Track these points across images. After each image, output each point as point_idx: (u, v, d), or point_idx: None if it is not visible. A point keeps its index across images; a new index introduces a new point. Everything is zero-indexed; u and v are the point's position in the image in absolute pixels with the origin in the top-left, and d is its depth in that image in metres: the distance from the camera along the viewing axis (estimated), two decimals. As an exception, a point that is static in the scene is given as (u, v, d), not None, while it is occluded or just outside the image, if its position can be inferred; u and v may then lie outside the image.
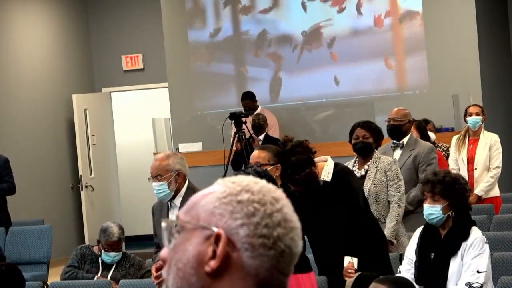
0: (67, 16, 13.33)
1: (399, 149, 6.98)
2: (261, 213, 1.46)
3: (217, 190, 1.50)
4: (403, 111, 7.09)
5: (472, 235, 4.71)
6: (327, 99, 11.54)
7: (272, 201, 1.48)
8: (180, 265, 1.47)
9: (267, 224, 1.46)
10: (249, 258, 1.45)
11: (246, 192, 1.48)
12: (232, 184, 1.51)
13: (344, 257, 5.31)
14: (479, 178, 8.49)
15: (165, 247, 1.51)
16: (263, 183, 1.51)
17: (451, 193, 4.69)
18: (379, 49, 11.22)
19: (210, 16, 12.08)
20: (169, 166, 5.23)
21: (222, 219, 1.46)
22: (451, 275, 4.67)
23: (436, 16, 11.02)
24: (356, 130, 6.36)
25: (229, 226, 1.46)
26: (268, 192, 1.50)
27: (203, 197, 1.51)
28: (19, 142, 12.00)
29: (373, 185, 6.13)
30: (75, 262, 6.74)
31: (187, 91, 12.12)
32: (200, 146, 11.37)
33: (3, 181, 9.18)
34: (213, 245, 1.45)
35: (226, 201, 1.48)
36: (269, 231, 1.46)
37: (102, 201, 13.19)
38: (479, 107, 8.69)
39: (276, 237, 1.46)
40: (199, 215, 1.49)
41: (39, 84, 12.60)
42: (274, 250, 1.46)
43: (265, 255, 1.46)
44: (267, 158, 5.19)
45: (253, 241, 1.45)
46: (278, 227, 1.47)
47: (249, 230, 1.45)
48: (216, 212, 1.47)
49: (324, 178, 5.35)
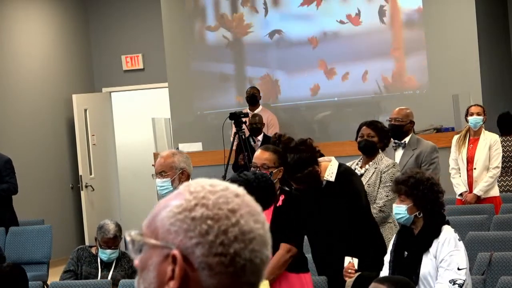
0: (67, 16, 13.33)
1: (400, 148, 6.97)
2: (215, 230, 1.41)
3: (174, 203, 1.45)
4: (405, 111, 7.07)
5: (443, 233, 4.76)
6: (327, 99, 11.54)
7: (227, 215, 1.42)
8: (145, 284, 1.45)
9: (222, 242, 1.40)
10: (208, 277, 1.40)
11: (200, 207, 1.42)
12: (189, 195, 1.44)
13: (345, 257, 5.32)
14: (478, 178, 8.49)
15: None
16: (221, 192, 1.45)
17: (413, 193, 4.77)
18: (379, 49, 11.22)
19: (210, 16, 12.08)
20: (174, 163, 5.26)
21: (178, 237, 1.42)
22: (424, 272, 4.72)
23: (436, 16, 11.02)
24: (362, 129, 6.34)
25: (185, 245, 1.41)
26: (224, 204, 1.43)
27: (163, 208, 1.46)
28: (19, 142, 12.00)
29: (367, 184, 6.13)
30: (71, 266, 6.73)
31: (187, 91, 12.12)
32: (200, 146, 11.37)
33: (3, 181, 9.16)
34: (171, 264, 1.41)
35: (181, 217, 1.42)
36: (225, 249, 1.41)
37: (102, 201, 13.19)
38: (481, 107, 8.70)
39: (233, 254, 1.41)
40: (157, 231, 1.44)
41: (39, 84, 12.60)
42: (233, 267, 1.41)
43: (224, 273, 1.41)
44: (273, 160, 5.16)
45: (209, 260, 1.40)
46: (234, 242, 1.41)
47: (204, 249, 1.40)
48: (172, 229, 1.42)
49: (327, 178, 5.34)
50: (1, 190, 9.11)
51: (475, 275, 5.59)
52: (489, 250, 6.00)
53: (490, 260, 5.77)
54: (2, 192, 9.11)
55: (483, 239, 6.49)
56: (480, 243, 6.45)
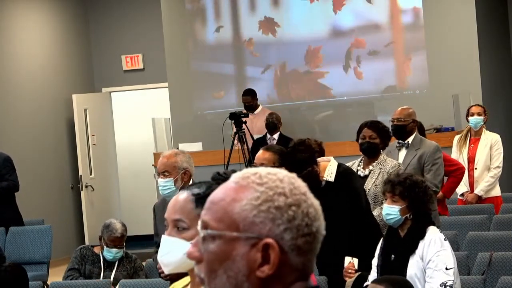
0: (67, 16, 13.33)
1: (404, 148, 6.95)
2: (299, 215, 1.55)
3: (247, 196, 1.55)
4: (407, 111, 7.04)
5: (428, 233, 4.76)
6: (328, 99, 11.54)
7: (303, 199, 1.57)
8: (231, 273, 1.55)
9: (306, 223, 1.55)
10: (296, 257, 1.54)
11: (279, 196, 1.55)
12: (259, 186, 1.56)
13: (345, 257, 5.32)
14: (479, 178, 8.50)
15: (192, 246, 1.59)
16: (285, 179, 1.58)
17: (409, 195, 4.76)
18: (379, 48, 11.21)
19: (210, 16, 12.08)
20: (176, 163, 5.26)
21: (265, 227, 1.53)
22: (410, 274, 4.71)
23: (436, 16, 11.02)
24: (364, 130, 6.30)
25: (274, 232, 1.53)
26: (297, 188, 1.58)
27: (233, 202, 1.56)
28: (19, 142, 12.00)
29: (373, 185, 6.12)
30: (75, 265, 6.74)
31: (187, 91, 12.12)
32: (200, 146, 11.37)
33: (3, 179, 9.15)
34: (260, 252, 1.53)
35: (264, 208, 1.54)
36: (309, 229, 1.56)
37: (102, 201, 13.19)
38: (481, 107, 8.70)
39: (315, 231, 1.57)
40: (237, 224, 1.55)
41: (39, 84, 12.60)
42: (316, 242, 1.57)
43: (310, 250, 1.56)
44: (272, 160, 5.16)
45: (298, 242, 1.54)
46: (314, 221, 1.57)
47: (292, 233, 1.54)
48: (257, 220, 1.54)
49: (327, 178, 5.34)
50: (1, 188, 9.09)
51: (475, 275, 5.59)
52: (489, 250, 6.00)
53: (490, 260, 5.76)
54: (2, 189, 9.08)
55: (483, 239, 6.49)
56: (480, 243, 6.45)
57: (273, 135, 10.49)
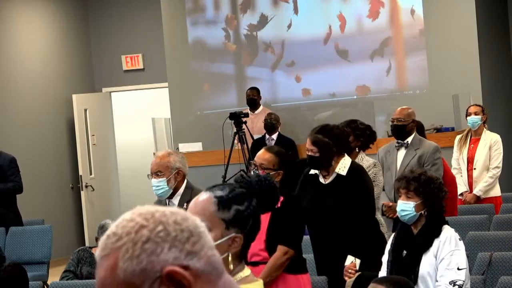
0: (67, 16, 13.33)
1: (403, 148, 6.95)
2: (173, 236, 1.48)
3: (119, 257, 1.48)
4: (407, 111, 7.05)
5: (444, 232, 4.73)
6: (327, 99, 11.54)
7: (163, 227, 1.49)
8: None
9: (186, 236, 1.48)
10: (197, 262, 1.46)
11: (145, 238, 1.49)
12: (119, 242, 1.51)
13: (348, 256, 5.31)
14: (478, 178, 8.49)
15: None
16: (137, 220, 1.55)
17: (424, 191, 4.73)
18: (379, 48, 11.21)
19: (210, 16, 12.08)
20: (169, 163, 5.25)
21: (157, 262, 1.45)
22: (423, 272, 4.69)
23: (436, 16, 11.02)
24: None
25: (167, 260, 1.45)
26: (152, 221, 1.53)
27: (114, 272, 1.47)
28: (19, 142, 12.00)
29: None
30: (71, 267, 6.75)
31: (187, 91, 12.12)
32: (200, 146, 11.37)
33: (8, 180, 9.17)
34: (169, 282, 1.44)
35: (139, 252, 1.47)
36: (190, 236, 1.48)
37: (102, 201, 13.19)
38: (479, 107, 8.70)
39: (193, 230, 1.49)
40: (134, 283, 1.45)
41: (39, 84, 12.60)
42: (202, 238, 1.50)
43: (201, 249, 1.48)
44: (272, 162, 5.14)
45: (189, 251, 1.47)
46: (186, 227, 1.49)
47: (178, 250, 1.46)
48: (144, 264, 1.45)
49: (339, 171, 5.33)
50: (7, 189, 9.12)
51: (475, 275, 5.59)
52: (489, 250, 6.00)
53: (490, 260, 5.77)
54: (7, 190, 9.12)
55: (483, 239, 6.49)
56: (480, 243, 6.45)
57: (272, 135, 10.49)
